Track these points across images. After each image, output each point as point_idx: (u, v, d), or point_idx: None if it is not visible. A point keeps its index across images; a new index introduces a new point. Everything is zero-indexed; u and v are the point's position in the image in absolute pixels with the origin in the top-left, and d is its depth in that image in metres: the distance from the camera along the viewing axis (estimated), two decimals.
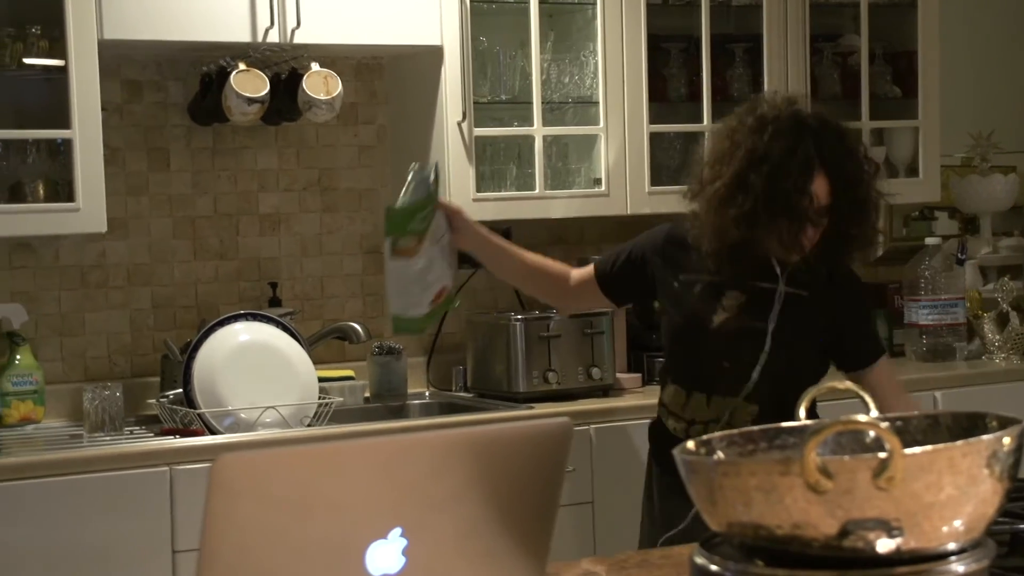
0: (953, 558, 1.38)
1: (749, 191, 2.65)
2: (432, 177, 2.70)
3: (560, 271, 2.99)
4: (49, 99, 3.48)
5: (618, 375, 3.96)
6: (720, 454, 1.51)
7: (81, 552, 3.15)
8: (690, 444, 1.51)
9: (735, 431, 1.55)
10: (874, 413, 1.50)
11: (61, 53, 3.41)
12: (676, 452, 1.48)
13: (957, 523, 1.36)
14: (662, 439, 2.89)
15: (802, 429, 1.54)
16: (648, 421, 2.98)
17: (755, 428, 1.57)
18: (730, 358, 2.77)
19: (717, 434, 1.54)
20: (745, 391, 2.76)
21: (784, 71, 4.21)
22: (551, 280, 2.98)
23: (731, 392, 2.77)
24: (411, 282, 2.70)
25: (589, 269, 2.99)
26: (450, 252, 2.79)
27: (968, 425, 1.50)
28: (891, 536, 1.34)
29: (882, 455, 1.32)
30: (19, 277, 3.70)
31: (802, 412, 1.59)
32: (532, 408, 3.70)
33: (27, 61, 3.47)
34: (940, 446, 1.35)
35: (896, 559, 1.35)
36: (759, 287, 2.77)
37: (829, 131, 2.71)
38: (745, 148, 2.68)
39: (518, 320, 3.84)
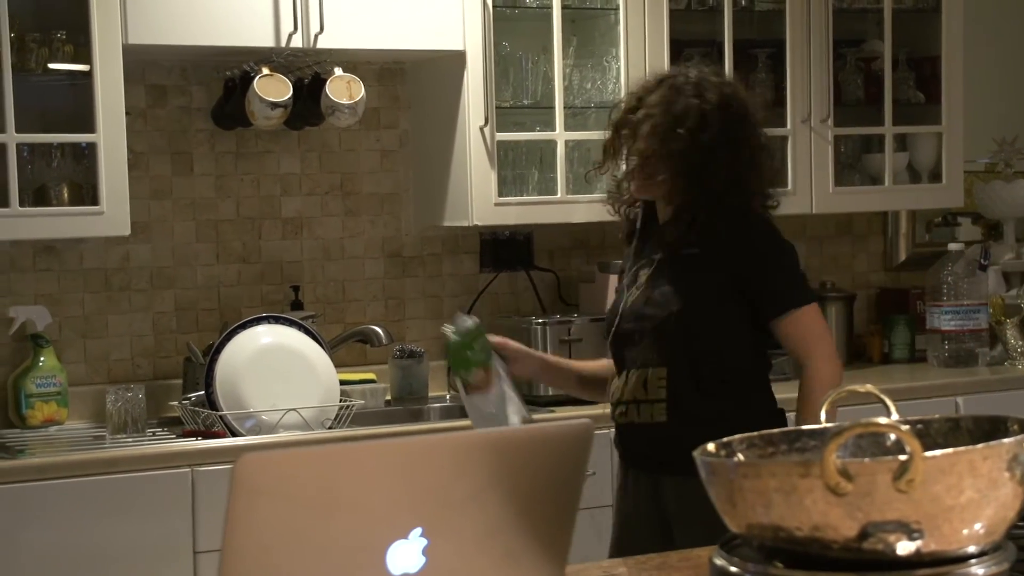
0: (973, 561, 1.38)
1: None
2: (470, 322, 2.77)
3: (606, 368, 2.94)
4: (74, 103, 3.50)
5: None
6: (740, 456, 1.51)
7: (103, 552, 3.17)
8: (710, 446, 1.51)
9: (755, 434, 1.55)
10: (895, 416, 1.50)
11: (86, 58, 3.43)
12: (696, 454, 1.48)
13: (977, 526, 1.36)
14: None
15: (822, 431, 1.54)
16: None
17: (775, 431, 1.57)
18: (638, 330, 2.77)
19: (737, 436, 1.54)
20: (641, 358, 2.76)
21: (807, 76, 4.20)
22: (603, 381, 2.95)
23: (643, 363, 2.77)
24: (491, 418, 2.73)
25: (606, 360, 2.95)
26: (515, 386, 2.82)
27: (989, 429, 1.50)
28: (911, 539, 1.34)
29: (902, 457, 1.32)
30: (43, 280, 3.73)
31: (823, 415, 1.59)
32: (553, 411, 3.70)
33: (52, 66, 3.50)
34: (961, 449, 1.35)
35: (916, 562, 1.35)
36: (656, 258, 2.79)
37: (672, 84, 2.74)
38: None
39: (540, 324, 3.84)
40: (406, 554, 1.47)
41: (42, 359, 3.61)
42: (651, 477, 2.80)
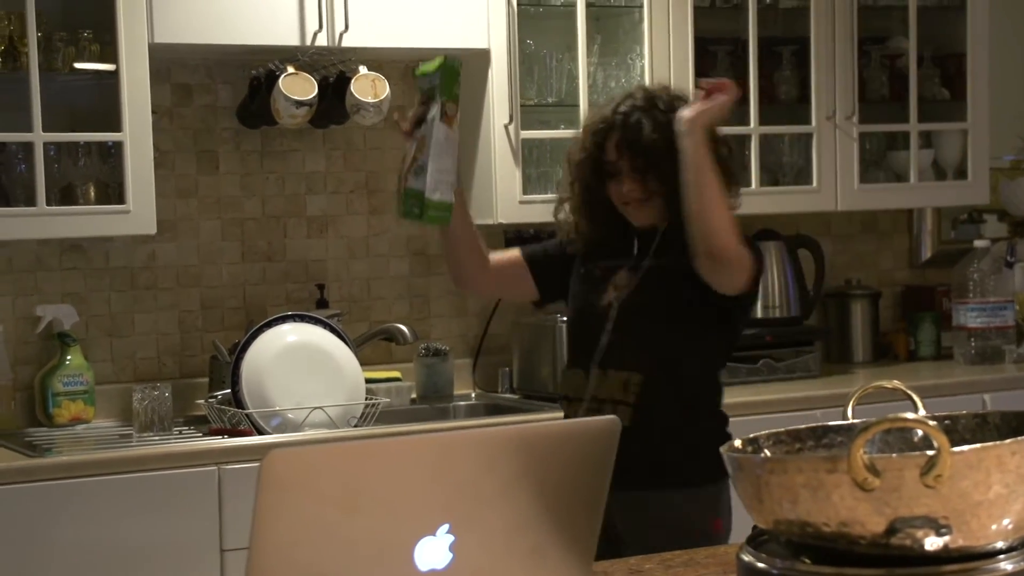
0: (1001, 556, 1.37)
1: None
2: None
3: (484, 248, 2.96)
4: (100, 102, 3.52)
5: None
6: (767, 452, 1.51)
7: (130, 550, 3.18)
8: (737, 442, 1.51)
9: (782, 430, 1.55)
10: (922, 412, 1.50)
11: (112, 57, 3.45)
12: (723, 450, 1.48)
13: (1005, 521, 1.36)
14: None
15: (849, 428, 1.54)
16: None
17: (802, 427, 1.57)
18: (624, 331, 2.77)
19: (764, 432, 1.54)
20: (621, 360, 2.76)
21: (832, 74, 4.19)
22: (480, 251, 2.94)
23: (621, 365, 2.76)
24: (449, 155, 2.66)
25: (515, 252, 3.01)
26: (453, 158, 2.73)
27: (1017, 424, 1.50)
28: (939, 534, 1.34)
29: (930, 453, 1.32)
30: (70, 278, 3.74)
31: (850, 411, 1.59)
32: None
33: (79, 66, 3.51)
34: (988, 444, 1.35)
35: (944, 557, 1.35)
36: (645, 264, 2.80)
37: (643, 98, 2.81)
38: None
39: (564, 321, 3.84)
40: (434, 550, 1.47)
41: (69, 358, 3.63)
42: None
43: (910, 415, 1.38)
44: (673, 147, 2.73)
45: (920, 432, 1.50)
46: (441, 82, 2.65)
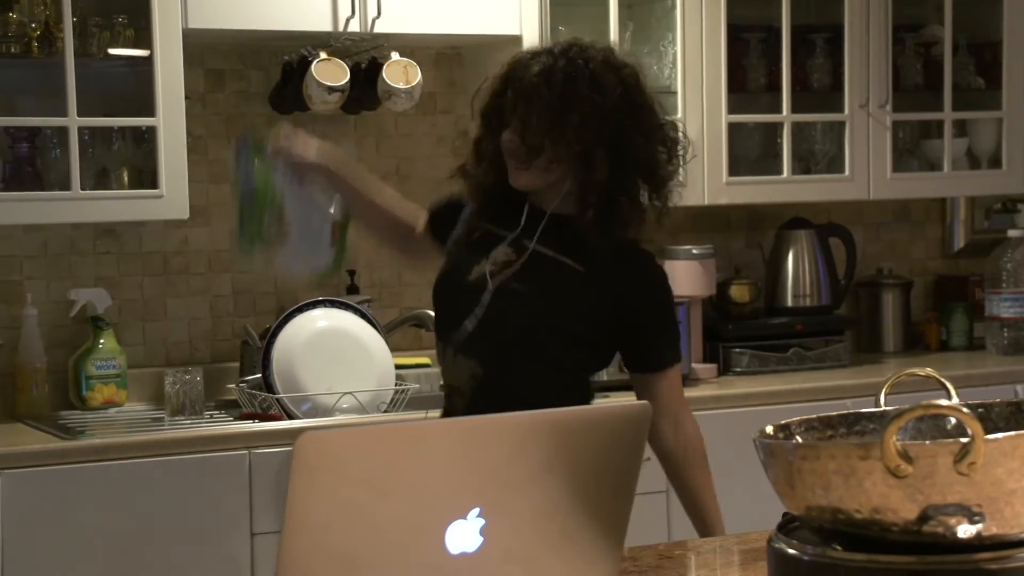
0: None
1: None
2: (247, 157, 2.48)
3: (412, 217, 2.70)
4: (134, 88, 3.54)
5: (694, 365, 3.95)
6: (798, 438, 1.51)
7: (160, 533, 3.20)
8: (768, 428, 1.51)
9: (813, 416, 1.55)
10: (955, 400, 1.49)
11: (146, 43, 3.46)
12: (755, 437, 1.48)
13: None
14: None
15: (881, 415, 1.54)
16: (724, 411, 2.90)
17: (834, 414, 1.56)
18: (490, 319, 2.46)
19: (795, 419, 1.53)
20: (479, 349, 2.46)
21: (865, 61, 4.17)
22: (399, 222, 2.70)
23: (476, 354, 2.47)
24: (303, 255, 2.54)
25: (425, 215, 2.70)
26: (315, 193, 2.57)
27: None
28: (972, 522, 1.33)
29: (964, 440, 1.31)
30: (103, 263, 3.76)
31: (882, 399, 1.59)
32: (608, 396, 3.70)
33: (113, 51, 3.53)
34: (1023, 432, 1.34)
35: (977, 545, 1.35)
36: (530, 245, 2.46)
37: (569, 47, 2.43)
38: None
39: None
40: (464, 534, 1.48)
41: (102, 341, 3.65)
42: None
43: (944, 402, 1.38)
44: (575, 109, 2.36)
45: (953, 420, 1.50)
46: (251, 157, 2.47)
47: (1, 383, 3.61)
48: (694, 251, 4.03)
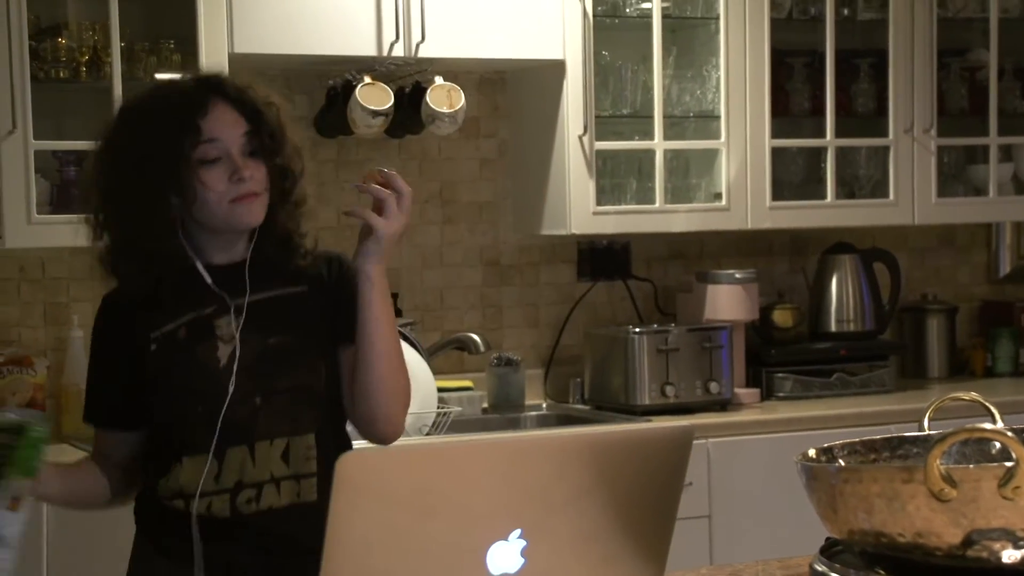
0: None
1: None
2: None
3: (92, 467, 2.21)
4: None
5: (736, 390, 3.94)
6: (841, 462, 1.50)
7: None
8: (811, 451, 1.50)
9: (856, 440, 1.54)
10: (1000, 424, 1.48)
11: (193, 67, 3.48)
12: (797, 459, 1.47)
13: None
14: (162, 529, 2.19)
15: (925, 439, 1.53)
16: (767, 436, 2.85)
17: (877, 437, 1.56)
18: (260, 393, 2.15)
19: (838, 442, 1.53)
20: (269, 427, 2.14)
21: (910, 86, 4.16)
22: (101, 486, 2.21)
23: (272, 433, 2.15)
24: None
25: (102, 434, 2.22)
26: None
27: None
28: (1017, 547, 1.32)
29: (1008, 464, 1.30)
30: None
31: (926, 422, 1.58)
32: (650, 421, 3.70)
33: (160, 75, 3.56)
34: None
35: (1022, 570, 1.34)
36: (238, 302, 2.19)
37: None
38: None
39: (637, 333, 3.84)
40: (506, 555, 1.48)
41: None
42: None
43: (987, 425, 1.37)
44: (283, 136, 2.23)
45: (998, 444, 1.49)
46: (17, 452, 1.97)
47: (47, 404, 3.64)
48: (737, 275, 4.03)
